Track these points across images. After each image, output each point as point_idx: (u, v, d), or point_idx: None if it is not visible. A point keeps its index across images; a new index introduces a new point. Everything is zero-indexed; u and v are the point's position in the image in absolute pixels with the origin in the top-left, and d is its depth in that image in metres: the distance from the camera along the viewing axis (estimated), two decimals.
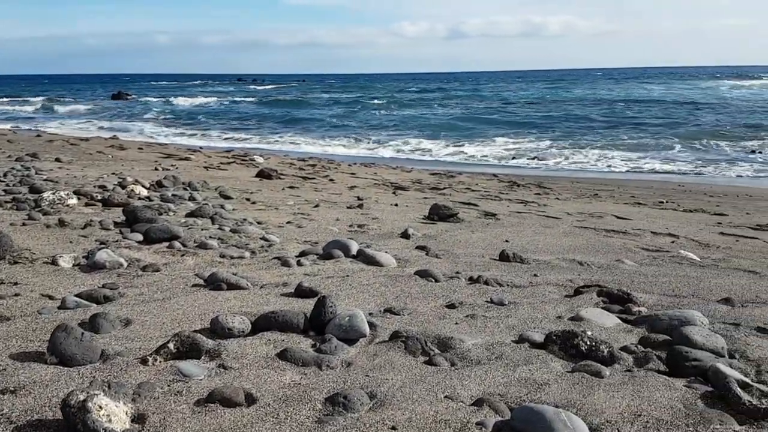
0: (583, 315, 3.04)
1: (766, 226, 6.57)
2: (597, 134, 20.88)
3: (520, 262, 4.34)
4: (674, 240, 5.43)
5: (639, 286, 3.74)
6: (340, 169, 11.90)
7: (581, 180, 13.06)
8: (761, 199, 10.19)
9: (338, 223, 5.59)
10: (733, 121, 23.45)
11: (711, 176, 13.64)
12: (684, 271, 4.16)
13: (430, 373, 2.35)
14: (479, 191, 9.62)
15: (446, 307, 3.16)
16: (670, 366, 2.47)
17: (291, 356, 2.44)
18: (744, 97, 36.91)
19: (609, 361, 2.51)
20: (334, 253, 4.06)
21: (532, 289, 3.61)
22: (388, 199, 7.73)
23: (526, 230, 5.71)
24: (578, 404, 2.11)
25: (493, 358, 2.51)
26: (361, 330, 2.65)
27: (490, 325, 2.89)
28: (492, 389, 2.23)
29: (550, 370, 2.41)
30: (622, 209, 7.81)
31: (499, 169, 14.76)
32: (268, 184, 8.34)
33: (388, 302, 3.19)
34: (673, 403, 2.13)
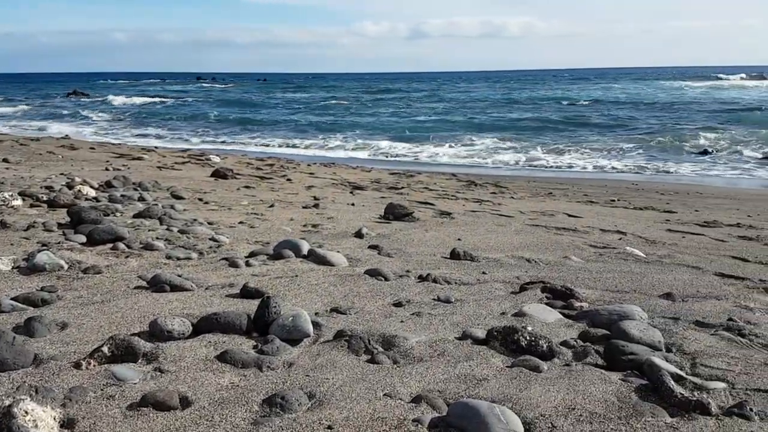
0: (526, 311, 3.08)
1: (713, 223, 6.78)
2: (555, 134, 21.25)
3: (470, 260, 4.38)
4: (622, 237, 5.55)
5: (583, 282, 3.81)
6: (299, 169, 11.82)
7: (538, 179, 13.26)
8: (711, 197, 10.51)
9: (292, 223, 5.55)
10: (687, 121, 24.15)
11: (663, 175, 14.02)
12: (628, 267, 4.26)
13: (372, 371, 2.34)
14: (437, 191, 9.67)
15: (393, 305, 3.17)
16: (608, 360, 2.52)
17: (231, 358, 2.40)
18: (699, 98, 38.06)
19: (548, 355, 2.55)
20: (285, 253, 4.02)
21: (479, 286, 3.65)
22: (345, 198, 7.70)
23: (479, 229, 5.76)
24: (514, 398, 2.14)
25: (435, 355, 2.52)
26: (305, 330, 2.63)
27: (435, 323, 2.91)
28: (432, 386, 2.24)
29: (490, 365, 2.44)
30: (575, 207, 7.95)
31: (459, 168, 14.89)
32: (222, 184, 8.23)
33: (336, 302, 3.18)
34: (608, 397, 2.18)
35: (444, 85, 69.01)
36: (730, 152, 16.86)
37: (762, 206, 9.17)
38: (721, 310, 3.25)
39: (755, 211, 8.41)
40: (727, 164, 15.27)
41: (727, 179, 13.47)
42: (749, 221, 7.08)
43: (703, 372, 2.43)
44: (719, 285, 3.84)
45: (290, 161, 13.25)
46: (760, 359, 2.56)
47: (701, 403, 2.09)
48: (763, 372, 2.43)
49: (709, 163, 15.40)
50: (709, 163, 15.40)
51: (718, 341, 2.77)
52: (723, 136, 19.51)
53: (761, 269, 4.37)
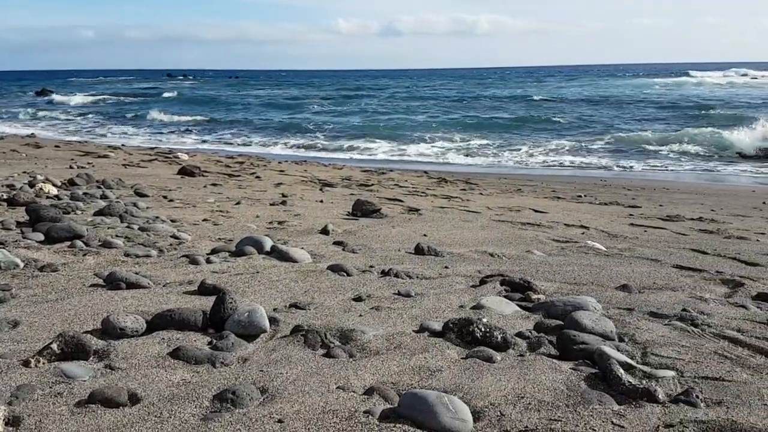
0: (484, 303, 3.11)
1: (675, 217, 6.91)
2: (527, 131, 21.45)
3: (434, 255, 4.40)
4: (585, 231, 5.63)
5: (543, 275, 3.86)
6: (270, 166, 11.74)
7: (508, 176, 13.37)
8: (677, 192, 10.71)
9: (258, 220, 5.51)
10: (655, 117, 24.57)
11: (630, 171, 14.23)
12: (588, 261, 4.32)
13: (327, 365, 2.34)
14: (407, 187, 9.69)
15: (353, 300, 3.17)
16: (560, 350, 2.56)
17: (183, 354, 2.38)
18: (667, 94, 38.79)
19: (503, 346, 2.58)
20: (247, 249, 4.00)
21: (440, 280, 3.67)
22: (314, 195, 7.68)
23: (446, 224, 5.79)
24: (466, 388, 2.16)
25: (391, 347, 2.53)
26: (261, 325, 2.62)
27: (394, 317, 2.92)
28: (386, 378, 2.25)
29: (445, 357, 2.45)
30: (541, 203, 8.04)
31: (431, 166, 14.94)
32: (189, 182, 8.14)
33: (296, 297, 3.17)
34: (557, 385, 2.21)
35: (420, 82, 69.20)
36: (688, 149, 17.18)
37: (726, 201, 9.37)
38: (675, 301, 3.32)
39: (719, 206, 8.59)
40: (685, 162, 15.56)
41: (689, 175, 13.73)
42: (712, 215, 7.23)
43: (653, 361, 2.48)
44: (676, 277, 3.92)
45: (261, 159, 13.15)
46: (710, 348, 2.62)
47: (648, 390, 2.13)
48: (712, 360, 2.49)
49: (673, 159, 15.68)
50: (673, 159, 15.68)
51: (671, 331, 2.83)
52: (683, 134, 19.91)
53: (719, 261, 4.47)
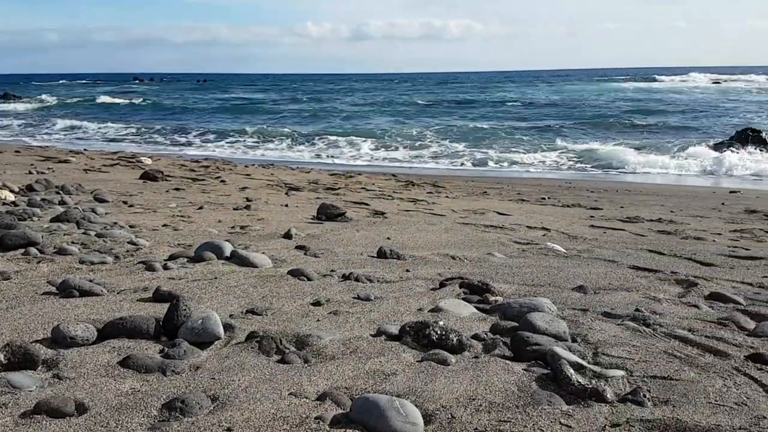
0: (442, 306, 3.13)
1: (635, 219, 7.05)
2: (495, 135, 21.65)
3: (396, 258, 4.41)
4: (546, 233, 5.71)
5: (502, 277, 3.90)
6: (236, 170, 11.64)
7: (476, 179, 13.49)
8: (639, 194, 10.92)
9: (220, 224, 5.46)
10: (619, 121, 25.04)
11: (594, 173, 14.48)
12: (547, 262, 4.38)
13: (280, 371, 2.33)
14: (374, 191, 9.70)
15: (312, 304, 3.16)
16: (514, 351, 2.59)
17: (134, 363, 2.34)
18: (635, 97, 39.66)
19: (458, 349, 2.60)
20: (206, 255, 3.95)
21: (401, 283, 3.68)
22: (279, 199, 7.64)
23: (410, 228, 5.81)
24: (419, 391, 2.17)
25: (347, 352, 2.53)
26: (215, 332, 2.59)
27: (352, 321, 2.91)
28: (340, 383, 2.24)
29: (400, 360, 2.46)
30: (505, 206, 8.13)
31: (400, 169, 14.99)
32: (151, 187, 8.02)
33: (253, 303, 3.15)
34: (508, 386, 2.23)
35: (389, 85, 69.42)
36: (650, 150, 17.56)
37: (685, 202, 9.60)
38: (629, 302, 3.39)
39: (678, 207, 8.80)
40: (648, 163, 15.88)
41: (653, 177, 14.03)
42: (670, 216, 7.40)
43: (604, 360, 2.52)
44: (632, 277, 4.00)
45: (227, 163, 13.03)
46: (660, 347, 2.68)
47: (597, 390, 2.17)
48: (662, 360, 2.54)
49: (640, 162, 15.98)
50: (640, 162, 15.98)
51: (623, 331, 2.88)
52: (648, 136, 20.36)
53: (675, 261, 4.58)
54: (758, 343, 2.75)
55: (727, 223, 6.94)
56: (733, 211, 8.45)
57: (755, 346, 2.71)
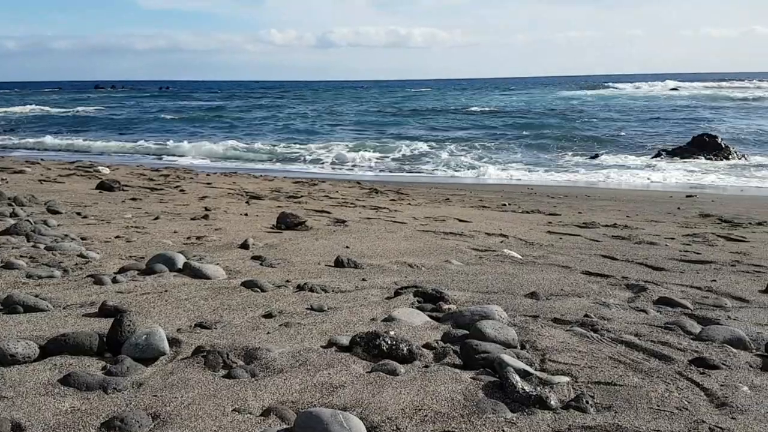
0: (395, 315, 3.13)
1: (591, 224, 7.17)
2: (459, 141, 21.83)
3: (353, 267, 4.40)
4: (504, 240, 5.77)
5: (457, 284, 3.92)
6: (197, 179, 11.48)
7: (439, 186, 13.56)
8: (597, 199, 11.11)
9: (175, 235, 5.37)
10: (579, 128, 25.51)
11: (556, 179, 14.70)
12: (503, 269, 4.42)
13: (225, 386, 2.29)
14: (337, 199, 9.67)
15: (263, 317, 3.12)
16: (464, 359, 2.60)
17: (74, 381, 2.28)
18: (593, 104, 40.50)
19: (408, 358, 2.60)
20: (157, 267, 3.88)
21: (356, 293, 3.67)
22: (239, 208, 7.55)
23: (370, 236, 5.80)
24: (365, 403, 2.16)
25: (297, 365, 2.51)
26: (159, 348, 2.54)
27: (303, 332, 2.89)
28: (286, 397, 2.22)
29: (349, 372, 2.45)
30: (466, 212, 8.19)
31: (364, 176, 14.99)
32: (107, 197, 7.86)
33: (203, 316, 3.10)
34: (455, 395, 2.24)
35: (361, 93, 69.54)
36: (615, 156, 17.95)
37: (641, 207, 9.80)
38: (580, 307, 3.44)
39: (634, 212, 8.98)
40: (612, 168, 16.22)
41: (611, 181, 14.31)
42: (626, 221, 7.55)
43: (550, 367, 2.55)
44: (584, 283, 4.06)
45: (188, 171, 12.85)
46: (606, 353, 2.73)
47: (541, 397, 2.19)
48: (607, 365, 2.58)
49: (595, 167, 16.30)
50: (595, 167, 16.30)
51: (571, 337, 2.92)
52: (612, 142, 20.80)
53: (627, 266, 4.66)
54: (702, 347, 2.82)
55: (680, 228, 7.11)
56: (687, 216, 8.66)
57: (699, 350, 2.78)
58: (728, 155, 17.58)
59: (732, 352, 2.77)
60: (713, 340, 2.89)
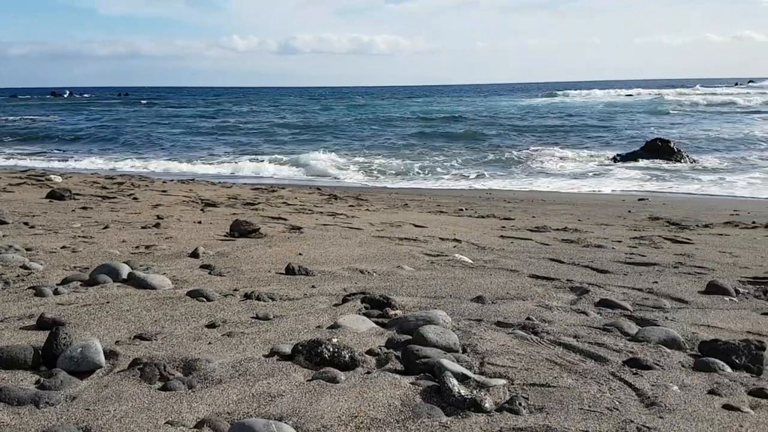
0: (340, 322, 3.13)
1: (542, 228, 7.30)
2: (416, 148, 22.01)
3: (304, 274, 4.39)
4: (457, 245, 5.83)
5: (407, 289, 3.96)
6: (152, 186, 11.29)
7: (399, 191, 13.64)
8: (552, 203, 11.32)
9: (124, 245, 5.27)
10: (533, 134, 25.99)
11: (516, 184, 14.91)
12: (453, 274, 4.48)
13: (160, 399, 2.27)
14: (295, 205, 9.63)
15: (206, 327, 3.09)
16: (405, 364, 2.63)
17: (5, 395, 2.22)
18: (547, 110, 41.30)
19: (351, 365, 2.61)
20: (101, 278, 3.81)
21: (303, 300, 3.66)
22: (193, 216, 7.46)
23: (325, 242, 5.80)
24: (302, 412, 2.16)
25: (236, 375, 2.49)
26: (95, 361, 2.50)
27: (245, 342, 2.88)
28: (222, 408, 2.21)
29: (290, 381, 2.44)
30: (423, 218, 8.25)
31: (326, 182, 14.97)
32: (57, 206, 7.67)
33: (144, 327, 3.05)
34: (392, 401, 2.26)
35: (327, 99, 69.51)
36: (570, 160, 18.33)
37: (593, 211, 10.02)
38: (523, 310, 3.50)
39: (586, 216, 9.18)
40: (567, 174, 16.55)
41: (564, 186, 14.59)
42: (576, 225, 7.71)
43: (488, 370, 2.59)
44: (530, 286, 4.14)
45: (144, 179, 12.64)
46: (544, 355, 2.78)
47: (475, 401, 2.23)
48: (543, 367, 2.64)
49: (549, 174, 16.61)
50: (549, 174, 16.61)
51: (512, 340, 2.98)
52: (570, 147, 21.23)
53: (572, 269, 4.77)
54: (637, 348, 2.90)
55: (629, 231, 7.30)
56: (637, 219, 8.90)
57: (634, 351, 2.86)
58: (680, 159, 18.13)
59: (666, 353, 2.86)
60: (648, 340, 2.98)
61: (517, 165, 17.87)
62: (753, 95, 53.98)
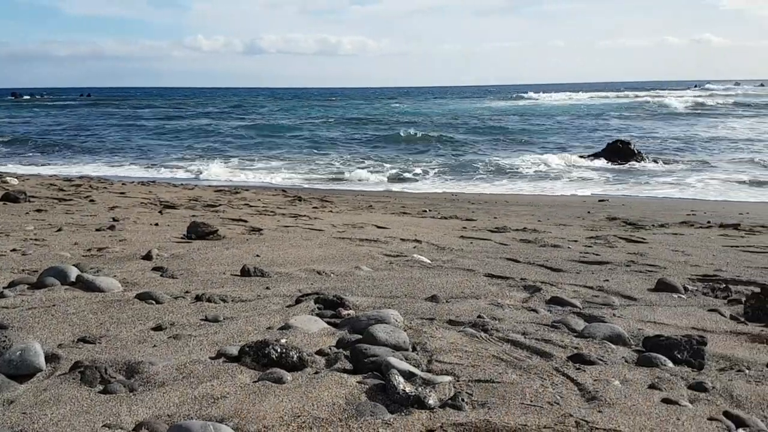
0: (291, 323, 3.12)
1: (503, 228, 7.38)
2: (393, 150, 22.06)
3: (260, 275, 4.36)
4: (417, 245, 5.86)
5: (362, 290, 3.96)
6: (111, 189, 11.09)
7: (365, 193, 13.65)
8: (515, 205, 11.47)
9: (76, 247, 5.16)
10: (498, 136, 26.29)
11: (482, 186, 15.05)
12: (410, 274, 4.49)
13: (100, 402, 2.22)
14: (257, 207, 9.56)
15: (153, 329, 3.05)
16: (354, 363, 2.63)
17: None
18: (511, 112, 41.82)
19: (299, 365, 2.60)
20: (48, 281, 3.72)
21: (256, 302, 3.64)
22: (151, 218, 7.34)
23: (284, 244, 5.76)
24: (244, 413, 2.14)
25: (180, 377, 2.46)
26: (35, 364, 2.44)
27: (192, 344, 2.84)
28: (163, 411, 2.18)
29: (234, 382, 2.42)
30: (386, 219, 8.27)
31: (290, 183, 14.89)
32: (11, 209, 7.47)
33: (89, 330, 2.99)
34: (337, 400, 2.26)
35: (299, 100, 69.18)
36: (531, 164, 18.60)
37: (554, 212, 10.18)
38: (475, 309, 3.53)
39: (546, 216, 9.32)
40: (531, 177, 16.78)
41: (525, 187, 14.79)
42: (536, 225, 7.82)
43: (436, 367, 2.61)
44: (484, 285, 4.18)
45: (103, 181, 12.40)
46: (491, 351, 2.81)
47: (419, 397, 2.24)
48: (489, 363, 2.66)
49: (519, 175, 16.82)
50: (519, 175, 16.82)
51: (462, 337, 3.00)
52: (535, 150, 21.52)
53: (527, 268, 4.83)
54: (583, 344, 2.95)
55: (586, 230, 7.43)
56: (596, 219, 9.06)
57: (579, 347, 2.91)
58: (641, 160, 18.53)
59: (611, 348, 2.92)
60: (594, 337, 3.03)
61: (477, 167, 18.03)
62: (712, 97, 55.60)
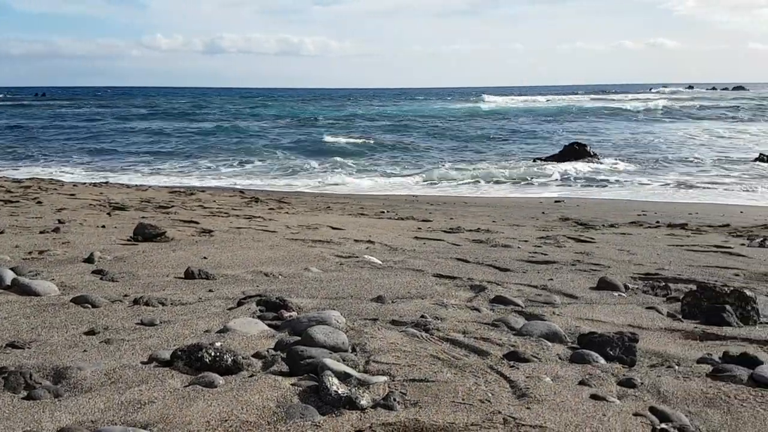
0: (230, 326, 3.08)
1: (457, 229, 7.44)
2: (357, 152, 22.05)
3: (205, 278, 4.29)
4: (369, 246, 5.85)
5: (309, 291, 3.93)
6: (61, 190, 10.79)
7: (324, 195, 13.61)
8: (473, 206, 11.58)
9: (16, 250, 5.00)
10: (457, 139, 26.54)
11: (441, 188, 15.15)
12: (359, 274, 4.49)
13: (23, 408, 2.15)
14: (211, 208, 9.43)
15: (85, 334, 2.97)
16: (290, 366, 2.60)
17: None
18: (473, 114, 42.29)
19: (233, 369, 2.56)
20: None
21: (197, 305, 3.58)
22: (98, 221, 7.16)
23: (234, 245, 5.69)
24: (171, 418, 2.10)
25: (108, 383, 2.40)
26: None
27: (124, 348, 2.77)
28: (87, 417, 2.12)
29: (164, 387, 2.37)
30: (343, 220, 8.24)
31: (248, 185, 14.74)
32: None
33: (20, 335, 2.90)
34: (267, 403, 2.23)
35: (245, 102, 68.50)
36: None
37: (509, 212, 10.32)
38: (419, 308, 3.54)
39: (501, 217, 9.44)
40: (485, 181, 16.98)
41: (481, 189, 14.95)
42: (489, 226, 7.90)
43: (373, 368, 2.60)
44: (432, 285, 4.20)
45: (53, 182, 12.07)
46: (430, 351, 2.82)
47: (351, 398, 2.23)
48: (426, 363, 2.67)
49: (466, 179, 16.99)
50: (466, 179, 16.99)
51: (402, 337, 3.00)
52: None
53: (476, 268, 4.87)
54: (519, 342, 2.99)
55: (538, 231, 7.54)
56: (549, 219, 9.21)
57: (516, 345, 2.94)
58: (597, 162, 18.93)
59: (547, 346, 2.96)
60: (531, 334, 3.07)
61: (436, 169, 18.17)
62: (667, 100, 57.15)
